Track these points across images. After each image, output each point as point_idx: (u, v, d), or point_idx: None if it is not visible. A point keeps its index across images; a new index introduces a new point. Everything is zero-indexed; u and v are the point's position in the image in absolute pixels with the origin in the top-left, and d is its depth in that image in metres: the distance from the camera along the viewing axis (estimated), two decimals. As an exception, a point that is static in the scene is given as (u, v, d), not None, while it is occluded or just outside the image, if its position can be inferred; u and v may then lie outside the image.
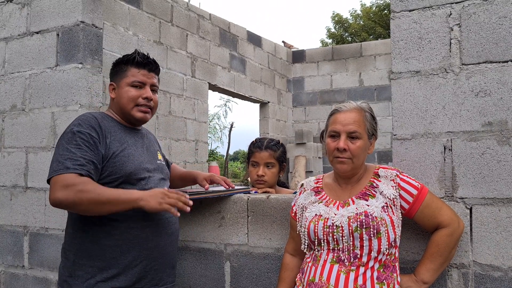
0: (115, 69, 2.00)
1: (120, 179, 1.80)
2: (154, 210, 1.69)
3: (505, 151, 1.67)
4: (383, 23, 19.49)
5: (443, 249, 1.62)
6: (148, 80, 1.95)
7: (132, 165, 1.84)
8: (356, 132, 1.66)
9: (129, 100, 1.93)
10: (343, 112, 1.70)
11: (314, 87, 10.36)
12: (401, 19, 1.86)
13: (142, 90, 1.94)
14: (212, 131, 20.26)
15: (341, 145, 1.65)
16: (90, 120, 1.84)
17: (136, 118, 1.95)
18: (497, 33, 1.71)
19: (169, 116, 6.69)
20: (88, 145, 1.75)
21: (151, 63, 1.97)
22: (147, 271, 1.84)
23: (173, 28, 6.79)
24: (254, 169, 2.42)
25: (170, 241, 1.94)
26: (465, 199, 1.73)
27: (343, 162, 1.66)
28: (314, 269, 1.63)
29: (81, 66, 2.67)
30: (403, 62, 1.85)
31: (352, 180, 1.72)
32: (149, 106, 1.97)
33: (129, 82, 1.93)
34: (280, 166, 2.44)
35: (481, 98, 1.72)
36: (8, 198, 2.88)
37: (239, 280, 2.17)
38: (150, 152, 2.02)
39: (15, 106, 2.89)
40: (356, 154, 1.65)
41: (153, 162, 1.99)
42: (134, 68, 1.94)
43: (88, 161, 1.73)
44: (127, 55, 1.98)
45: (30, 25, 2.88)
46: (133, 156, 1.87)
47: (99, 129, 1.82)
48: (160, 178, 1.98)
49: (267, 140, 2.46)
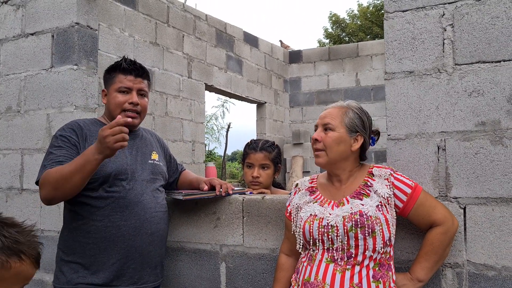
0: (106, 76, 2.08)
1: (100, 179, 1.88)
2: (115, 151, 1.71)
3: (498, 151, 1.68)
4: (380, 23, 19.51)
5: (438, 247, 1.63)
6: (135, 85, 2.01)
7: (113, 166, 1.91)
8: (330, 124, 1.69)
9: (116, 105, 2.00)
10: (326, 110, 1.77)
11: (311, 87, 10.37)
12: (394, 20, 1.87)
13: (128, 96, 2.00)
14: (209, 132, 20.27)
15: (314, 135, 1.71)
16: (73, 125, 1.97)
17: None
18: (490, 33, 1.71)
19: (165, 117, 6.69)
20: (69, 144, 1.89)
21: (138, 69, 2.03)
22: (125, 269, 1.90)
23: (169, 29, 6.79)
24: (249, 171, 2.43)
25: (151, 240, 1.96)
26: (459, 199, 1.74)
27: (318, 156, 1.71)
28: (310, 268, 1.63)
29: (76, 67, 2.67)
30: (396, 62, 1.86)
31: (344, 178, 1.72)
32: (136, 110, 2.02)
33: (116, 88, 2.01)
34: (275, 167, 2.45)
35: (474, 98, 1.72)
36: (3, 200, 2.88)
37: (235, 280, 2.17)
38: (141, 152, 2.06)
39: (10, 108, 2.89)
40: (328, 145, 1.68)
41: (143, 162, 2.04)
42: (121, 74, 2.01)
43: (67, 158, 1.83)
44: (116, 62, 2.06)
45: (25, 26, 2.87)
46: (115, 158, 1.90)
47: (80, 132, 1.93)
48: (148, 178, 2.01)
49: (262, 141, 2.47)
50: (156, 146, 2.20)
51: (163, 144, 2.30)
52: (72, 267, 1.89)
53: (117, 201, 1.90)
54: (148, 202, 1.97)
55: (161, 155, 2.19)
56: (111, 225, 1.88)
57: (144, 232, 1.93)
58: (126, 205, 1.91)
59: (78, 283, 1.87)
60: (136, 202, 1.93)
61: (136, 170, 1.98)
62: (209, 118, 19.80)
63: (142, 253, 1.93)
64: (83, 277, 1.87)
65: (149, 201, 1.97)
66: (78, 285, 1.87)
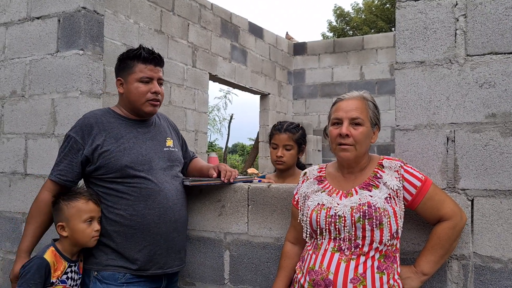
0: (122, 64, 2.07)
1: (115, 172, 1.94)
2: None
3: (508, 143, 1.66)
4: (385, 17, 19.39)
5: (444, 241, 1.62)
6: (155, 74, 2.03)
7: (128, 158, 1.95)
8: (359, 118, 1.65)
9: (140, 95, 2.01)
10: (345, 100, 1.71)
11: (315, 80, 10.32)
12: (406, 9, 1.85)
13: (151, 85, 2.02)
14: (211, 123, 20.24)
15: (343, 130, 1.64)
16: (84, 123, 2.01)
17: (147, 112, 2.05)
18: (504, 24, 1.69)
19: (169, 106, 6.67)
20: (74, 151, 1.98)
21: (157, 58, 2.04)
22: (151, 255, 1.95)
23: (174, 17, 6.75)
24: (274, 151, 2.55)
25: (174, 227, 2.00)
26: (467, 191, 1.73)
27: (346, 150, 1.65)
28: (315, 257, 1.63)
29: (82, 52, 2.65)
30: (407, 52, 1.84)
31: (356, 170, 1.71)
32: (158, 99, 2.06)
33: (138, 78, 2.01)
34: (299, 148, 2.55)
35: (485, 90, 1.70)
36: (7, 184, 2.87)
37: (238, 269, 2.17)
38: (156, 141, 2.09)
39: (15, 92, 2.87)
40: (358, 140, 1.64)
41: (158, 150, 2.06)
42: (141, 63, 2.01)
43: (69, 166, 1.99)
44: (133, 50, 2.05)
45: (31, 10, 2.85)
46: (130, 149, 1.97)
47: (88, 131, 1.98)
48: (165, 166, 2.04)
49: (287, 123, 2.58)
50: (170, 131, 2.22)
51: (176, 128, 2.31)
52: (102, 249, 1.95)
53: (139, 190, 1.94)
54: (169, 190, 2.00)
55: (175, 140, 2.21)
56: (136, 213, 1.93)
57: (168, 219, 1.97)
58: (149, 194, 1.95)
59: (107, 265, 1.93)
60: (158, 191, 1.96)
61: (153, 159, 2.01)
62: (211, 109, 19.75)
63: (167, 240, 1.98)
64: (112, 260, 1.93)
65: (170, 189, 2.01)
66: (108, 267, 1.93)
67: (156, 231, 1.94)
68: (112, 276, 1.92)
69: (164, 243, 1.97)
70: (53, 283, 1.86)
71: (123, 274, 1.92)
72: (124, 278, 1.92)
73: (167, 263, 1.99)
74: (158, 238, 1.95)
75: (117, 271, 1.92)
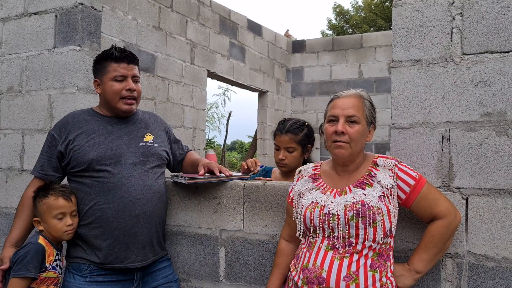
0: (97, 66, 2.12)
1: (82, 165, 2.00)
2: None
3: (503, 142, 1.67)
4: (385, 15, 19.38)
5: (438, 240, 1.62)
6: (129, 72, 2.07)
7: (95, 153, 2.00)
8: (355, 116, 1.65)
9: (114, 94, 2.06)
10: (342, 98, 1.71)
11: (314, 78, 10.31)
12: (403, 7, 1.85)
13: (125, 83, 2.06)
14: (210, 120, 20.23)
15: (339, 128, 1.64)
16: (63, 122, 2.11)
17: (123, 110, 2.09)
18: (500, 23, 1.69)
19: (167, 103, 6.66)
20: (52, 148, 2.07)
21: (129, 56, 2.08)
22: (111, 249, 1.98)
23: (172, 13, 6.73)
24: (276, 152, 2.46)
25: (135, 222, 2.00)
26: (462, 189, 1.73)
27: (342, 147, 1.65)
28: (309, 255, 1.63)
29: (79, 48, 2.64)
30: (404, 50, 1.84)
31: (350, 168, 1.71)
32: (133, 96, 2.09)
33: (112, 77, 2.05)
34: (304, 148, 2.44)
35: (481, 88, 1.71)
36: (3, 180, 2.87)
37: (234, 266, 2.17)
38: (131, 136, 2.11)
39: (12, 88, 2.87)
40: (354, 138, 1.64)
41: (132, 145, 2.08)
42: (114, 63, 2.06)
43: (48, 161, 2.08)
44: (106, 51, 2.10)
45: (28, 5, 2.84)
46: (99, 144, 2.02)
47: (65, 128, 2.07)
48: (137, 161, 2.06)
49: (290, 122, 2.45)
50: (154, 128, 2.21)
51: (165, 127, 2.32)
52: (73, 241, 2.03)
53: (101, 185, 1.98)
54: (133, 185, 2.00)
55: (161, 137, 2.21)
56: (97, 208, 1.98)
57: (127, 214, 1.98)
58: (110, 189, 1.98)
59: (75, 257, 2.02)
60: (120, 186, 1.98)
61: (123, 154, 2.04)
62: (209, 106, 19.74)
63: (127, 234, 1.99)
64: (79, 252, 2.01)
65: (134, 184, 2.01)
66: (75, 258, 2.02)
67: (114, 225, 1.97)
68: (78, 267, 1.99)
69: (123, 238, 1.98)
70: (47, 268, 1.91)
71: (87, 266, 1.98)
72: (88, 269, 1.98)
73: (128, 258, 2.00)
74: (117, 232, 1.97)
75: (82, 263, 1.99)
